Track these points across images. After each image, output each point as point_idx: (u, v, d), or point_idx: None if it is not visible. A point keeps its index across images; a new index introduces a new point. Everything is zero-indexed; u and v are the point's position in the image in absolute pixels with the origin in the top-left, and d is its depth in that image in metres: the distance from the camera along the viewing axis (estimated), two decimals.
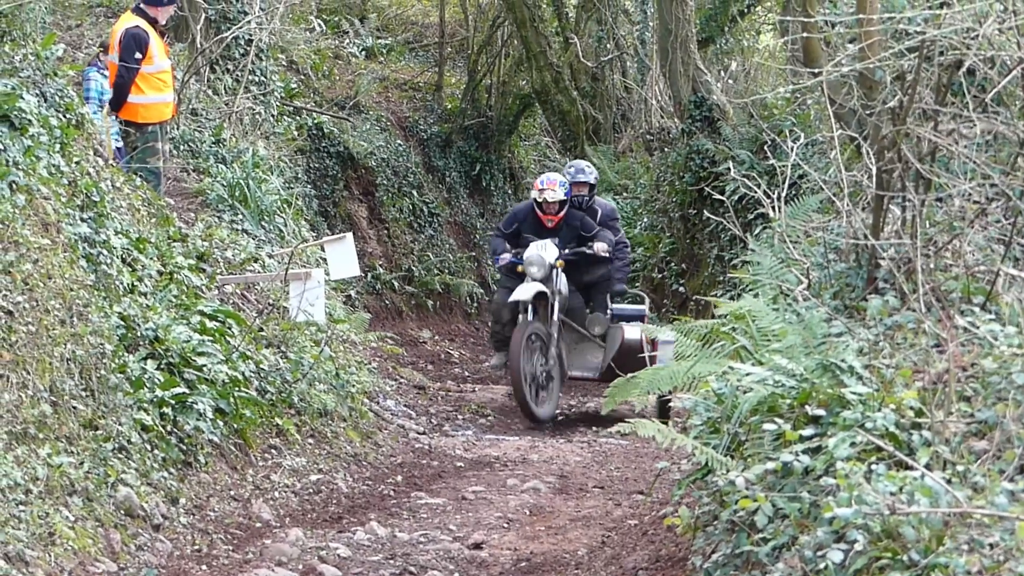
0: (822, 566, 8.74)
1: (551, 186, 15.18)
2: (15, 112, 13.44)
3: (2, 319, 11.86)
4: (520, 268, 14.82)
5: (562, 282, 14.81)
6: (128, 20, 17.75)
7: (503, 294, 14.66)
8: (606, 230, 15.54)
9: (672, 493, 12.47)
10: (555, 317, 14.49)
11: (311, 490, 14.58)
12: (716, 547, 10.33)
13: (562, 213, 15.20)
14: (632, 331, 14.56)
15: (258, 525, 13.36)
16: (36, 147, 13.59)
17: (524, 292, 14.15)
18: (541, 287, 14.33)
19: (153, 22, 17.62)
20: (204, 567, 11.85)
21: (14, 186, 12.71)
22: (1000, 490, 7.77)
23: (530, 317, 14.58)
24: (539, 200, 15.17)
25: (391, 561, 12.61)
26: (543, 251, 14.46)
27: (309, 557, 12.27)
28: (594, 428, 18.48)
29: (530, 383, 14.36)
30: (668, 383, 12.59)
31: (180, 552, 12.16)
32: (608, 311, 15.36)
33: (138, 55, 17.25)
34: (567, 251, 15.00)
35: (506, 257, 15.16)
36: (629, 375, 13.10)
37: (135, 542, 11.91)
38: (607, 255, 15.40)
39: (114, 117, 17.52)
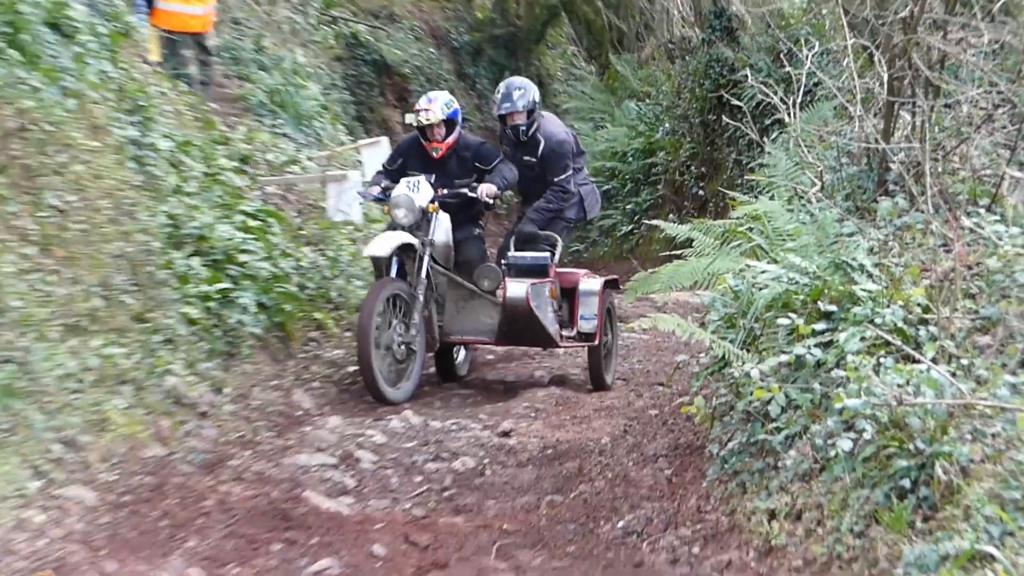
0: (832, 454, 8.77)
1: (429, 107, 12.96)
2: (64, 20, 13.46)
3: (55, 218, 11.90)
4: (386, 209, 12.90)
5: (440, 228, 12.79)
6: None
7: (373, 242, 12.75)
8: (507, 169, 13.29)
9: (690, 385, 12.48)
10: (423, 275, 12.49)
11: (348, 381, 14.59)
12: (732, 435, 10.37)
13: (450, 140, 13.08)
14: (516, 288, 12.68)
15: (298, 413, 13.41)
16: (85, 53, 13.61)
17: (381, 245, 12.35)
18: (406, 236, 12.44)
19: None
20: (248, 452, 11.90)
21: (65, 91, 12.74)
22: (1002, 383, 7.80)
23: (393, 274, 12.73)
24: (417, 125, 13.04)
25: (424, 447, 12.66)
26: (413, 192, 12.49)
27: (347, 443, 12.30)
28: (617, 321, 18.57)
29: (385, 357, 12.59)
30: (688, 278, 12.58)
31: (225, 438, 12.22)
32: (503, 261, 13.20)
33: None
34: (445, 191, 12.90)
35: (374, 191, 13.35)
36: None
37: (182, 428, 11.98)
38: (490, 200, 13.18)
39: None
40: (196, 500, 10.36)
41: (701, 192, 23.60)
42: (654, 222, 17.16)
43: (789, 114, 14.14)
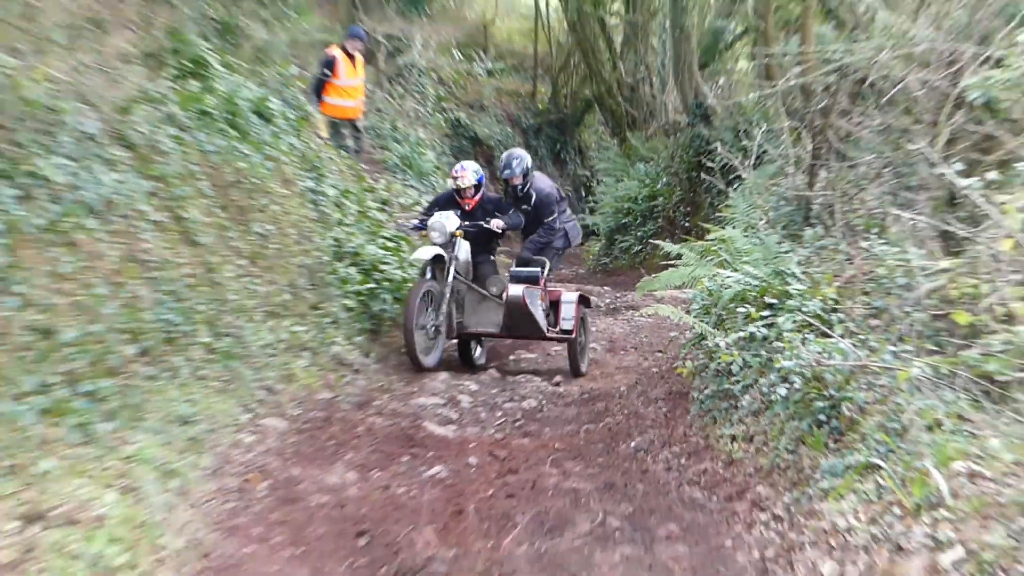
0: (773, 398, 8.79)
1: (463, 174, 13.16)
2: (265, 109, 13.60)
3: (259, 240, 12.00)
4: (424, 233, 12.92)
5: (462, 249, 12.83)
6: (331, 49, 17.80)
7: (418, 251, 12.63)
8: (516, 213, 13.45)
9: (680, 352, 12.51)
10: (449, 279, 12.51)
11: (453, 350, 14.62)
12: (707, 386, 10.41)
13: (477, 197, 13.18)
14: (515, 289, 12.57)
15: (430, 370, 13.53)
16: (279, 131, 13.76)
17: (422, 253, 12.39)
18: (439, 250, 12.48)
19: (347, 52, 17.64)
20: (386, 396, 11.93)
21: (266, 156, 12.85)
22: (887, 351, 7.79)
23: (428, 276, 12.72)
24: (455, 187, 13.18)
25: (503, 393, 12.70)
26: (445, 220, 12.61)
27: (452, 390, 12.34)
28: (631, 311, 18.56)
29: (421, 334, 12.40)
30: (679, 281, 12.55)
31: (371, 386, 12.24)
32: (509, 273, 13.08)
33: (325, 72, 17.25)
34: (467, 223, 12.94)
35: (413, 222, 13.36)
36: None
37: (343, 380, 12.07)
38: (500, 231, 13.20)
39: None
40: (351, 427, 10.43)
41: (687, 224, 23.52)
42: (656, 242, 17.19)
43: (745, 172, 14.15)
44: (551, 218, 13.49)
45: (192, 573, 7.13)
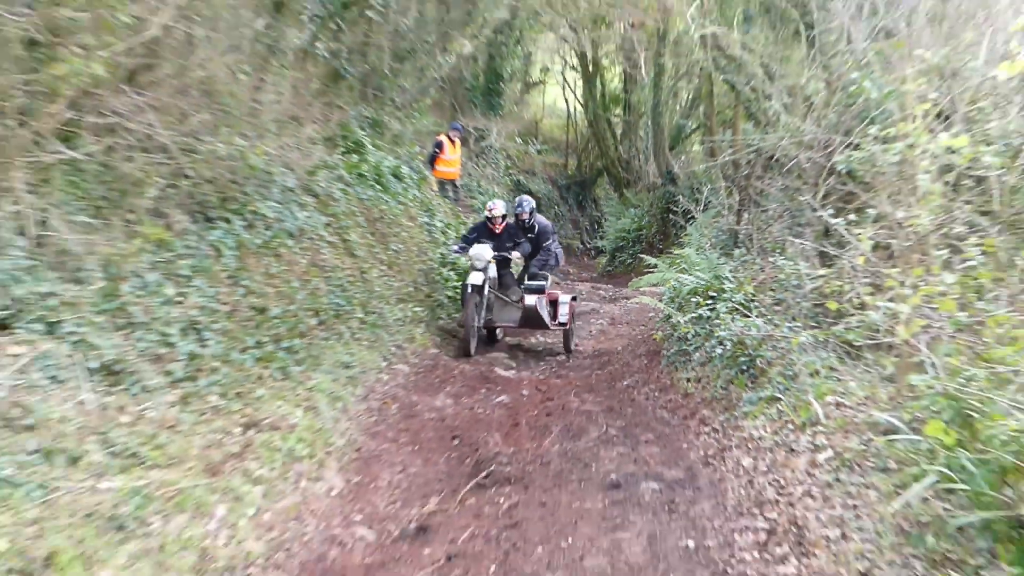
0: (713, 355, 8.67)
1: (494, 208, 12.42)
2: (399, 172, 13.58)
3: (394, 254, 11.98)
4: (467, 258, 12.07)
5: (492, 270, 12.13)
6: (440, 135, 17.68)
7: (468, 276, 11.95)
8: (526, 243, 12.65)
9: (655, 326, 12.40)
10: (486, 292, 11.83)
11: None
12: (672, 347, 10.30)
13: (504, 224, 12.43)
14: (530, 299, 11.93)
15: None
16: (407, 187, 13.73)
17: (474, 279, 11.64)
18: (482, 275, 11.74)
19: (450, 138, 17.55)
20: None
21: (399, 202, 12.84)
22: (785, 326, 7.70)
23: (478, 283, 11.71)
24: (488, 216, 12.39)
25: (544, 351, 12.63)
26: (483, 251, 11.85)
27: (513, 349, 12.21)
28: (625, 300, 18.44)
29: (473, 332, 11.51)
30: (655, 283, 12.47)
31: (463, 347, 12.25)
32: (522, 286, 12.42)
33: (435, 150, 17.12)
34: (497, 253, 12.25)
35: (456, 247, 12.48)
36: (562, 322, 12.38)
37: (445, 342, 11.94)
38: (520, 260, 12.58)
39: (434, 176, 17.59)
40: (449, 371, 10.38)
41: (660, 246, 23.22)
42: (642, 256, 17.09)
43: (697, 214, 14.04)
44: (548, 243, 12.81)
45: (348, 461, 7.15)
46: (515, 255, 12.54)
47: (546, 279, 12.70)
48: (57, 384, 5.66)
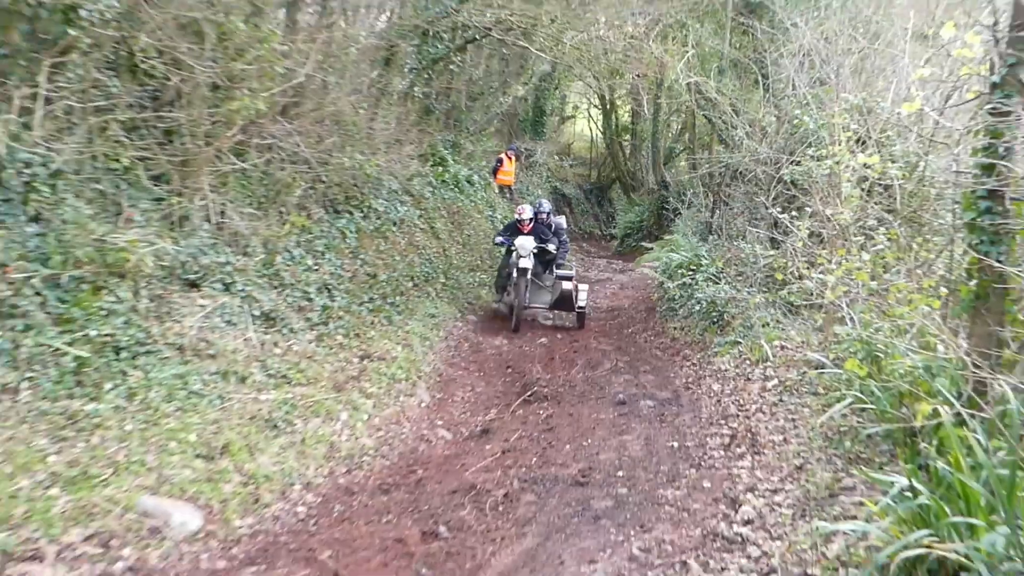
0: (693, 311, 8.56)
1: (522, 212, 10.89)
2: (471, 179, 13.44)
3: (468, 237, 11.91)
4: (511, 248, 10.53)
5: (531, 259, 10.48)
6: (500, 154, 17.38)
7: (506, 260, 10.65)
8: (554, 236, 11.23)
9: (653, 290, 12.24)
10: (528, 276, 10.26)
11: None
12: (664, 305, 10.18)
13: (531, 224, 10.89)
14: (567, 285, 10.60)
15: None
16: (477, 190, 13.60)
17: (524, 264, 10.22)
18: (529, 261, 10.33)
19: (508, 155, 17.32)
20: (524, 310, 11.79)
21: (472, 201, 12.74)
22: (745, 291, 7.57)
23: (528, 266, 10.34)
24: (518, 219, 10.82)
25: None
26: (527, 242, 10.44)
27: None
28: (631, 271, 18.19)
29: (521, 311, 10.08)
30: (652, 259, 12.31)
31: (492, 327, 12.10)
32: (552, 274, 10.91)
33: (497, 164, 16.74)
34: (535, 246, 10.63)
35: (501, 240, 10.78)
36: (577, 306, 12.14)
37: (496, 306, 11.91)
38: (554, 251, 10.90)
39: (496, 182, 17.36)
40: (478, 350, 10.35)
41: (657, 234, 22.89)
42: (643, 244, 16.88)
43: (683, 211, 13.82)
44: (564, 237, 11.54)
45: (432, 382, 7.17)
46: (551, 246, 11.35)
47: (572, 268, 11.79)
48: (231, 326, 5.77)
